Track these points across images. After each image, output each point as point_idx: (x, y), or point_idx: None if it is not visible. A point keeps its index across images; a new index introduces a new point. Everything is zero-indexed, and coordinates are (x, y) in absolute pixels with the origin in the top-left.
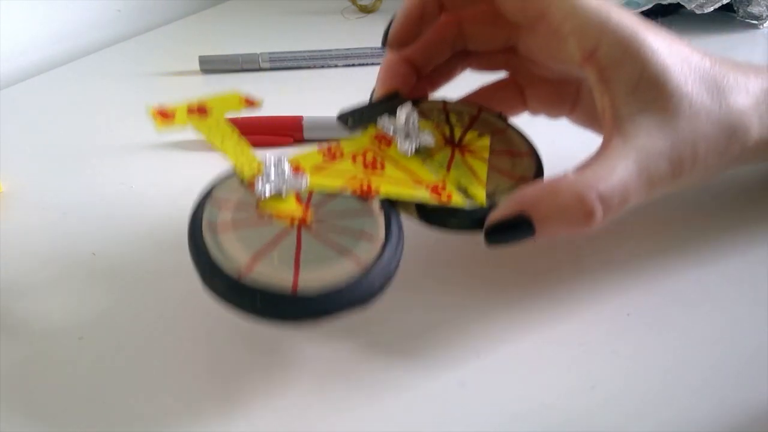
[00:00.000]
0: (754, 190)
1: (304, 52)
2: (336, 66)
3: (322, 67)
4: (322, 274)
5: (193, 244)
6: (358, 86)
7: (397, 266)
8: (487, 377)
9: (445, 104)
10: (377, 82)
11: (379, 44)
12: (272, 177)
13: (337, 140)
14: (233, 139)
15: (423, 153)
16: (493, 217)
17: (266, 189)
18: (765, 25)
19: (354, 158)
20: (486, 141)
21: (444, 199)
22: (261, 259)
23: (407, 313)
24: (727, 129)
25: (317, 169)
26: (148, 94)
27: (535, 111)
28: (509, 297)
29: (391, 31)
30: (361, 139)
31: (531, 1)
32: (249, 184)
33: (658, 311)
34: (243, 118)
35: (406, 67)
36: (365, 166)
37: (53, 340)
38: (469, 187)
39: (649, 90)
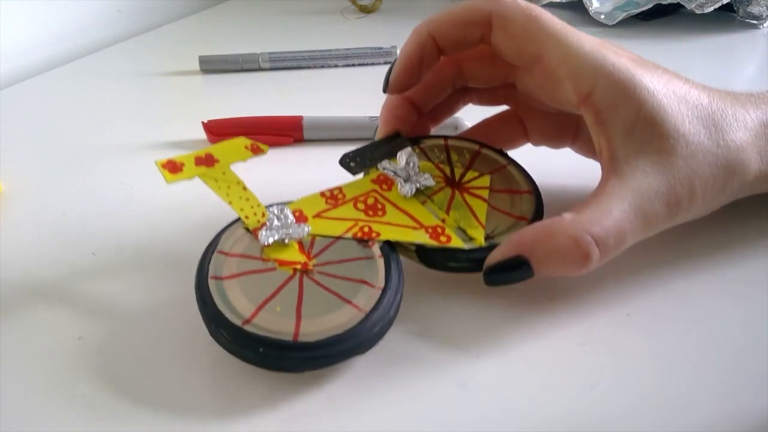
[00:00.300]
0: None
1: (304, 52)
2: (336, 66)
3: (322, 67)
4: (322, 321)
5: (200, 296)
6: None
7: (396, 312)
8: (487, 377)
9: (446, 141)
10: (380, 121)
11: (378, 44)
12: (275, 225)
13: (339, 186)
14: (239, 189)
15: (423, 194)
16: (492, 258)
17: (269, 237)
18: (765, 25)
19: (355, 203)
20: (486, 180)
21: (443, 241)
22: (264, 309)
23: (407, 314)
24: (725, 167)
25: (319, 215)
26: (148, 94)
27: (536, 143)
28: (509, 297)
29: (391, 77)
30: (363, 182)
31: (526, 46)
32: (254, 232)
33: (658, 311)
34: (243, 118)
35: (408, 107)
36: (366, 210)
37: (53, 340)
38: (468, 228)
39: (646, 131)
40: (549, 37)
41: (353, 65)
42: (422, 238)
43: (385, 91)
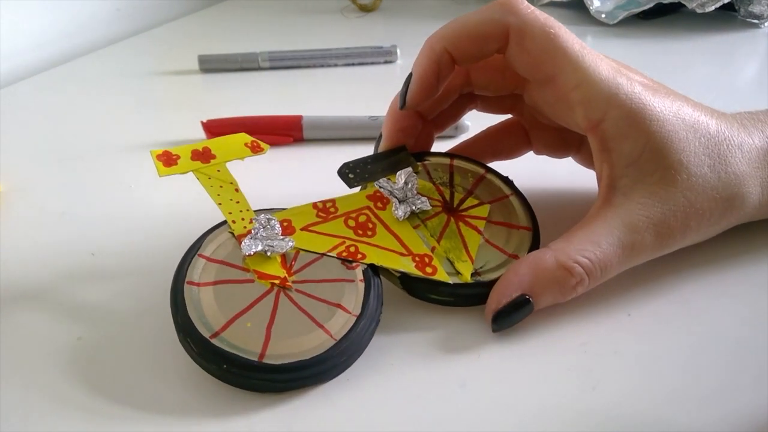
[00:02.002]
0: None
1: (304, 51)
2: (336, 65)
3: (322, 66)
4: (291, 344)
5: (174, 301)
6: (358, 85)
7: (368, 341)
8: (487, 377)
9: (451, 161)
10: (383, 129)
11: (378, 43)
12: (261, 234)
13: (333, 199)
14: (230, 190)
15: (418, 218)
16: (497, 303)
17: (252, 247)
18: (766, 24)
19: (346, 219)
20: (485, 210)
21: (428, 272)
22: (235, 323)
23: (407, 315)
24: (723, 200)
25: (307, 228)
26: (147, 94)
27: (539, 153)
28: None
29: (408, 96)
30: (358, 197)
31: (541, 64)
32: (238, 239)
33: (659, 312)
34: (242, 118)
35: (413, 117)
36: (356, 228)
37: (52, 340)
38: (457, 261)
39: (651, 162)
40: (566, 60)
41: (353, 64)
42: (408, 266)
43: (401, 108)
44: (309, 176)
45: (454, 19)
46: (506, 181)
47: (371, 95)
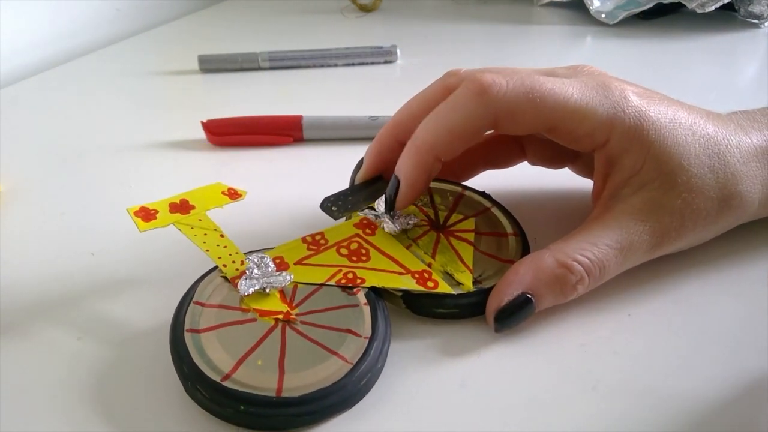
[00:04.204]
0: None
1: (304, 51)
2: (335, 65)
3: (322, 66)
4: (307, 375)
5: (175, 351)
6: (358, 85)
7: (384, 362)
8: (487, 377)
9: (429, 187)
10: (365, 161)
11: (378, 43)
12: (255, 273)
13: (321, 231)
14: (215, 236)
15: (408, 238)
16: (498, 302)
17: (249, 288)
18: (766, 24)
19: (338, 248)
20: (471, 223)
21: (430, 286)
22: (245, 363)
23: (409, 316)
24: (720, 200)
25: (301, 262)
26: (147, 94)
27: (534, 164)
28: None
29: (399, 202)
30: (345, 226)
31: (539, 126)
32: (232, 281)
33: (659, 311)
34: (242, 118)
35: (398, 150)
36: (350, 255)
37: (52, 340)
38: (456, 273)
39: (651, 171)
40: (561, 112)
41: (353, 64)
42: (408, 283)
43: (388, 212)
44: (309, 176)
45: (435, 118)
46: (484, 195)
47: (371, 95)
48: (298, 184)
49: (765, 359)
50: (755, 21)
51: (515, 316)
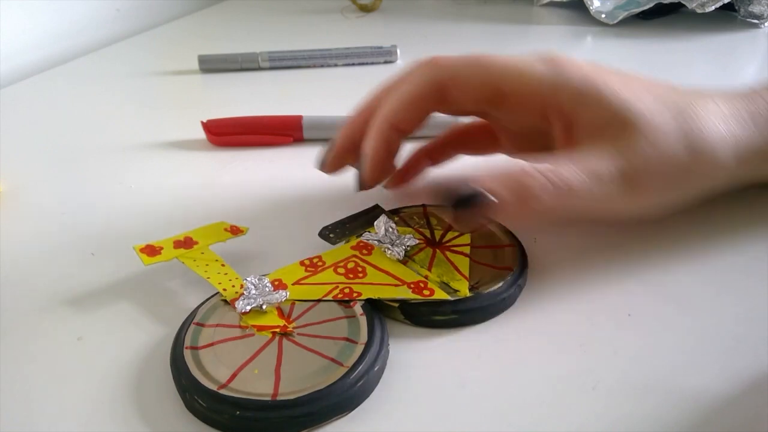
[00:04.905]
0: (752, 190)
1: (304, 51)
2: (336, 65)
3: (322, 66)
4: (303, 380)
5: (174, 367)
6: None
7: (382, 367)
8: (487, 377)
9: (425, 208)
10: (367, 149)
11: (378, 43)
12: (253, 293)
13: (319, 255)
14: (216, 267)
15: (405, 254)
16: (449, 186)
17: (247, 306)
18: (766, 24)
19: (336, 268)
20: (467, 238)
21: (426, 294)
22: (241, 373)
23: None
24: (688, 147)
25: (299, 282)
26: (147, 94)
27: (510, 155)
28: None
29: (363, 179)
30: (343, 249)
31: (490, 91)
32: (231, 302)
33: (659, 311)
34: (242, 118)
35: (393, 131)
36: (347, 273)
37: (52, 340)
38: (452, 281)
39: (610, 124)
40: (508, 76)
41: (353, 64)
42: (404, 293)
43: (358, 191)
44: (309, 176)
45: (389, 92)
46: None
47: None
48: (298, 185)
49: (765, 359)
50: (755, 21)
51: (466, 198)
